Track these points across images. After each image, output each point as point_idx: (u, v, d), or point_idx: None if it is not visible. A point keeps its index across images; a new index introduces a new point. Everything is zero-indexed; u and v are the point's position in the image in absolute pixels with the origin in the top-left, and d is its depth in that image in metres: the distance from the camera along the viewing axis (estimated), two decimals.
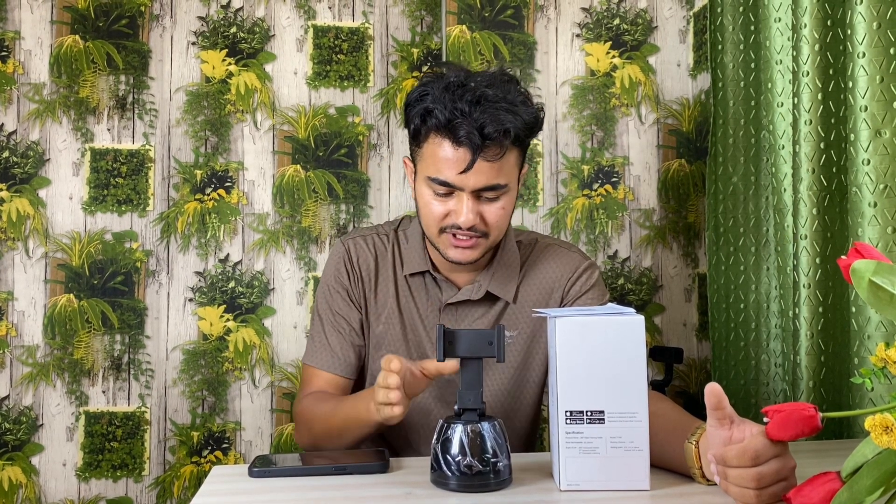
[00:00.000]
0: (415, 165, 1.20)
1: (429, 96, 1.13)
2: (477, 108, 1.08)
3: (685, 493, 0.88)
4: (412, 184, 1.24)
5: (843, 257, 0.78)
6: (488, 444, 0.90)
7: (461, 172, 1.10)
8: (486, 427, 0.90)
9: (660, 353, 1.83)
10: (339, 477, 0.95)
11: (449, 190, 1.13)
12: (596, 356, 0.89)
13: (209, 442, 1.91)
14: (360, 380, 1.31)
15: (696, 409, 1.99)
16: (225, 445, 1.91)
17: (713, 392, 0.81)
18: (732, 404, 1.66)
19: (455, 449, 0.89)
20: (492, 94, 1.10)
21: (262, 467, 0.97)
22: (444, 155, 1.11)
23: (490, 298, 1.25)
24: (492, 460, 0.90)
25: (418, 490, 0.90)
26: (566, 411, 0.89)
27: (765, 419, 0.78)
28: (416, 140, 1.17)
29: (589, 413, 0.89)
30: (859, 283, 0.73)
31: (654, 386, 1.76)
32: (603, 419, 0.89)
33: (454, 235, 1.15)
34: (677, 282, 2.00)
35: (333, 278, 1.28)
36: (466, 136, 1.08)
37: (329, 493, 0.89)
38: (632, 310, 0.92)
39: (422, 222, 1.20)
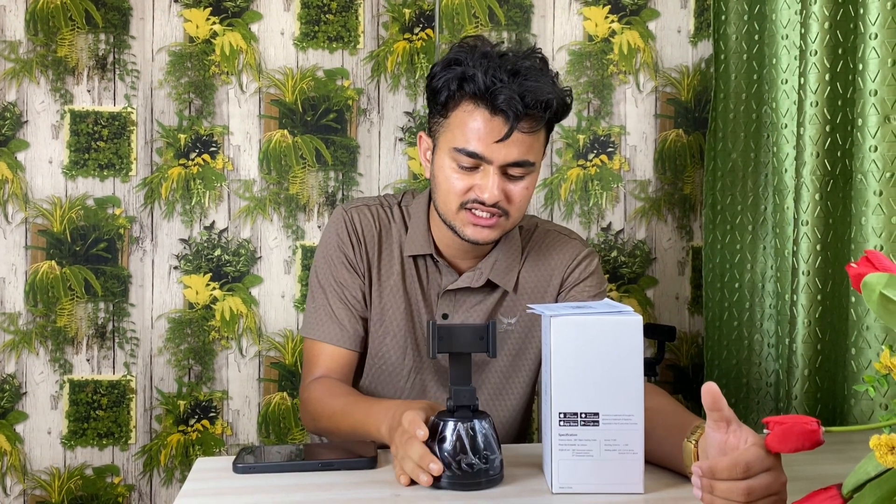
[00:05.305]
0: (434, 139, 1.16)
1: (464, 62, 1.08)
2: (516, 78, 1.07)
3: (680, 497, 0.87)
4: (426, 160, 1.20)
5: (852, 265, 0.75)
6: (486, 441, 0.88)
7: (497, 142, 1.07)
8: (483, 424, 0.89)
9: (652, 331, 1.81)
10: (326, 475, 0.93)
11: (475, 163, 1.10)
12: (591, 357, 0.86)
13: (196, 411, 1.89)
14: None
15: (687, 382, 1.99)
16: (212, 414, 1.90)
17: (709, 391, 0.77)
18: (724, 383, 1.65)
19: (455, 446, 0.87)
20: (530, 66, 1.08)
21: (246, 462, 0.94)
22: (477, 124, 1.08)
23: (490, 286, 1.22)
24: (490, 457, 0.88)
25: (406, 491, 0.88)
26: (560, 413, 0.87)
27: (765, 430, 0.75)
28: (443, 109, 1.12)
29: (583, 415, 0.87)
30: (870, 297, 0.70)
31: (646, 364, 1.75)
32: (597, 421, 0.87)
33: (474, 213, 1.11)
34: (671, 255, 1.98)
35: (335, 246, 1.23)
36: (507, 102, 1.05)
37: (314, 494, 0.87)
38: (629, 308, 0.90)
39: (439, 199, 1.15)
